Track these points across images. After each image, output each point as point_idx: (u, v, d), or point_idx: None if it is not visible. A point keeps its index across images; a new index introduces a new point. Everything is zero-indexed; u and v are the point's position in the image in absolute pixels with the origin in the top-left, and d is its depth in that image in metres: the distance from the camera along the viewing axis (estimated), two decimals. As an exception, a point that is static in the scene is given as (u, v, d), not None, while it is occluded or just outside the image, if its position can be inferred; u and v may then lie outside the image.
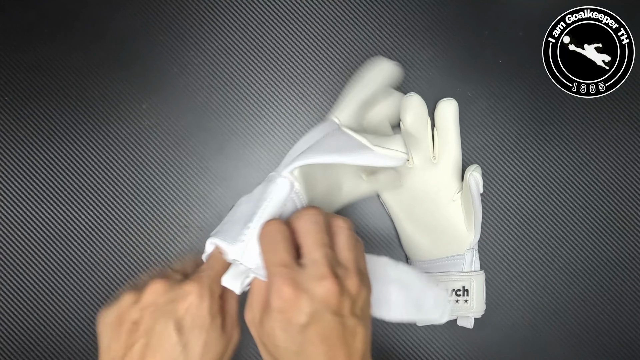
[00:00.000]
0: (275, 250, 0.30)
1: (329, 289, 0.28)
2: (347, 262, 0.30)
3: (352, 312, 0.30)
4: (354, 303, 0.30)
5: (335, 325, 0.29)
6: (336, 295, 0.28)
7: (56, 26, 0.46)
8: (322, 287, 0.28)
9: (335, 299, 0.29)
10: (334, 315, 0.29)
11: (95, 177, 0.46)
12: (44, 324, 0.46)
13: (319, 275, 0.29)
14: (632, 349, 0.48)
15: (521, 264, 0.48)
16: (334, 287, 0.28)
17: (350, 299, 0.29)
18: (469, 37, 0.48)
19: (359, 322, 0.30)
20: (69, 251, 0.46)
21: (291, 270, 0.29)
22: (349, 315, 0.29)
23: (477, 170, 0.42)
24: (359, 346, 0.29)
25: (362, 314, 0.30)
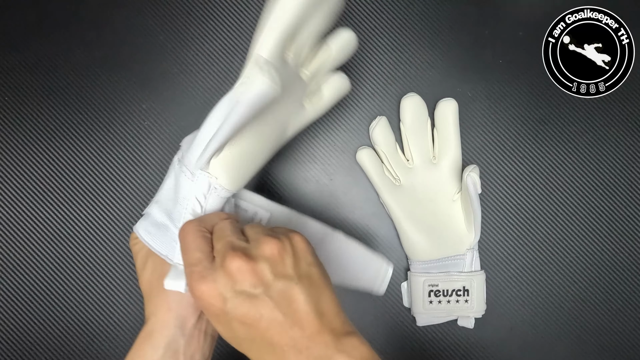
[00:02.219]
0: (186, 254, 0.30)
1: (231, 267, 0.28)
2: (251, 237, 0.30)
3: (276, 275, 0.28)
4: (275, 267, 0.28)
5: (260, 298, 0.27)
6: (247, 270, 0.28)
7: (56, 26, 0.46)
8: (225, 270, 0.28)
9: (248, 274, 0.28)
10: (254, 288, 0.28)
11: (95, 177, 0.46)
12: (44, 324, 0.46)
13: (226, 261, 0.28)
14: (632, 349, 0.48)
15: (521, 264, 0.48)
16: (241, 263, 0.28)
17: (266, 265, 0.28)
18: (469, 37, 0.48)
19: (291, 283, 0.28)
20: (69, 251, 0.46)
21: (200, 267, 0.29)
22: (274, 281, 0.28)
23: (474, 170, 0.42)
24: (303, 308, 0.28)
25: (294, 273, 0.28)
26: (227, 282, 0.28)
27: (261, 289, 0.28)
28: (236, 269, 0.28)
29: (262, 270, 0.28)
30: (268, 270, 0.28)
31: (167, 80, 0.47)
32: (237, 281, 0.28)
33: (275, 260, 0.29)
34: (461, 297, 0.44)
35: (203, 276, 0.28)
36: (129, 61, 0.47)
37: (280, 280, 0.28)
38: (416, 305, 0.45)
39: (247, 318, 0.28)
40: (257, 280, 0.28)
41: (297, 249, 0.30)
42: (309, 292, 0.28)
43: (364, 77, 0.48)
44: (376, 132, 0.45)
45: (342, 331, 0.28)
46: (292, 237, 0.30)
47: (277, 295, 0.28)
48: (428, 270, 0.45)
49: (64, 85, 0.46)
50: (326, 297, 0.29)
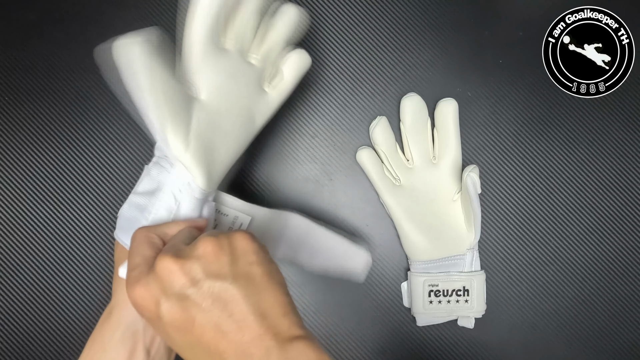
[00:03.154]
0: (130, 256, 0.30)
1: (163, 270, 0.26)
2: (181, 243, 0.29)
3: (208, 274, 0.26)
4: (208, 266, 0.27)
5: (192, 299, 0.26)
6: (176, 270, 0.26)
7: (56, 26, 0.46)
8: (157, 274, 0.27)
9: (177, 275, 0.26)
10: (185, 289, 0.26)
11: (95, 177, 0.46)
12: (44, 324, 0.46)
13: (157, 265, 0.27)
14: (632, 349, 0.48)
15: (521, 264, 0.48)
16: (170, 264, 0.26)
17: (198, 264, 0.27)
18: (469, 37, 0.48)
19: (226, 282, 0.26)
20: (69, 251, 0.46)
21: (136, 272, 0.28)
22: (206, 280, 0.26)
23: (474, 170, 0.42)
24: (241, 309, 0.26)
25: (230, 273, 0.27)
26: (158, 284, 0.27)
27: (192, 290, 0.26)
28: (165, 270, 0.26)
29: (192, 270, 0.26)
30: (199, 270, 0.26)
31: (167, 80, 0.47)
32: (167, 283, 0.26)
33: (209, 259, 0.27)
34: (461, 297, 0.44)
35: (137, 280, 0.27)
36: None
37: (212, 279, 0.26)
38: (416, 305, 0.45)
39: (180, 322, 0.26)
40: (187, 281, 0.26)
41: (237, 247, 0.28)
42: (247, 292, 0.26)
43: (364, 77, 0.48)
44: (376, 132, 0.45)
45: (287, 335, 0.26)
46: (232, 235, 0.28)
47: (210, 296, 0.26)
48: (428, 270, 0.45)
49: (63, 85, 0.46)
50: (269, 298, 0.27)
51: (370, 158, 0.46)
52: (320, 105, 0.48)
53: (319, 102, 0.48)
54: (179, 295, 0.26)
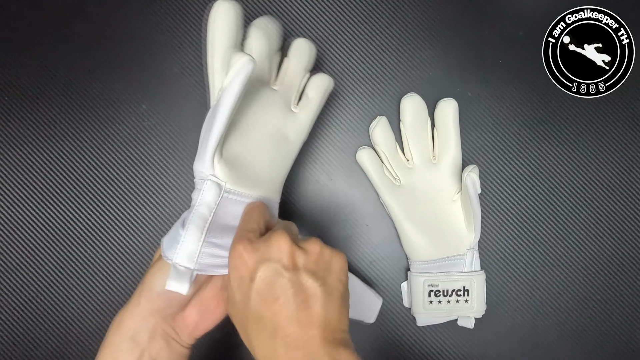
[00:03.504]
0: (244, 222, 0.34)
1: (277, 244, 0.30)
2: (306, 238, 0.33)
3: (307, 269, 0.30)
4: (310, 263, 0.31)
5: (286, 280, 0.30)
6: (287, 251, 0.30)
7: (56, 26, 0.46)
8: (271, 243, 0.31)
9: (286, 254, 0.30)
10: (285, 270, 0.30)
11: (95, 177, 0.46)
12: (44, 324, 0.46)
13: (273, 236, 0.31)
14: (632, 349, 0.48)
15: (521, 264, 0.48)
16: (285, 243, 0.30)
17: (304, 257, 0.31)
18: (469, 37, 0.48)
19: (316, 283, 0.30)
20: (69, 251, 0.46)
21: (251, 234, 0.32)
22: (304, 272, 0.30)
23: (474, 170, 0.42)
24: (317, 310, 0.30)
25: (323, 278, 0.31)
26: (266, 252, 0.30)
27: (291, 273, 0.30)
28: (279, 246, 0.30)
29: (299, 258, 0.31)
30: (303, 261, 0.31)
31: (167, 80, 0.47)
32: (275, 255, 0.30)
33: (313, 259, 0.31)
34: (461, 297, 0.44)
35: (250, 241, 0.31)
36: (129, 61, 0.47)
37: (308, 275, 0.30)
38: (416, 305, 0.45)
39: (266, 292, 0.30)
40: (291, 264, 0.30)
41: (335, 263, 0.32)
42: (327, 300, 0.30)
43: (364, 77, 0.48)
44: (376, 132, 0.45)
45: (339, 342, 0.30)
46: (336, 252, 0.32)
47: (300, 286, 0.30)
48: (428, 270, 0.45)
49: (63, 85, 0.46)
50: (338, 313, 0.31)
51: (370, 158, 0.46)
52: (320, 105, 0.48)
53: (319, 102, 0.48)
54: (278, 270, 0.30)
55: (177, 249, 0.33)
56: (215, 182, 0.35)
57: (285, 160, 0.40)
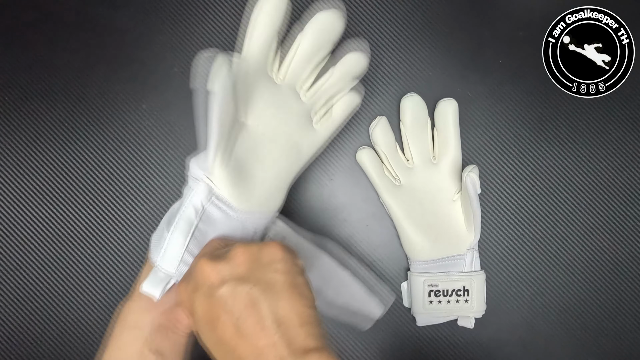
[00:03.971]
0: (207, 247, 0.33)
1: (200, 271, 0.29)
2: None
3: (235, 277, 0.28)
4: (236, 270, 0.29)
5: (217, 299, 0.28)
6: (208, 270, 0.29)
7: (56, 26, 0.46)
8: (195, 271, 0.30)
9: (208, 274, 0.29)
10: (213, 289, 0.28)
11: (95, 177, 0.46)
12: (44, 324, 0.46)
13: (193, 265, 0.31)
14: (632, 349, 0.48)
15: (521, 264, 0.48)
16: (204, 264, 0.29)
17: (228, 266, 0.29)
18: (469, 37, 0.48)
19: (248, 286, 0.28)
20: (69, 251, 0.46)
21: (212, 254, 0.31)
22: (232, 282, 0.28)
23: (473, 170, 0.42)
24: (262, 314, 0.27)
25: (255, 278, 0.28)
26: (194, 282, 0.30)
27: (220, 289, 0.28)
28: (199, 269, 0.29)
29: (222, 271, 0.29)
30: (228, 271, 0.29)
31: (167, 80, 0.47)
32: (200, 280, 0.29)
33: (237, 262, 0.29)
34: (461, 297, 0.44)
35: (183, 279, 0.31)
36: (129, 61, 0.47)
37: (237, 281, 0.28)
38: (416, 305, 0.45)
39: (208, 318, 0.28)
40: (217, 280, 0.28)
41: (265, 254, 0.29)
42: (266, 297, 0.27)
43: (364, 77, 0.48)
44: (376, 132, 0.45)
45: (302, 346, 0.26)
46: (264, 244, 0.30)
47: (233, 297, 0.28)
48: (428, 270, 0.45)
49: (63, 85, 0.46)
50: (287, 306, 0.28)
51: (370, 158, 0.46)
52: (320, 105, 0.48)
53: (319, 102, 0.48)
54: (208, 293, 0.28)
55: (160, 252, 0.33)
56: (208, 185, 0.34)
57: (292, 173, 0.39)
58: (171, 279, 0.33)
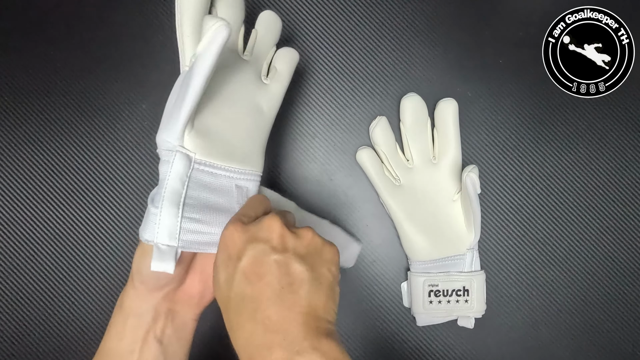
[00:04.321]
0: (243, 208, 0.33)
1: (269, 225, 0.30)
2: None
3: (296, 252, 0.30)
4: (300, 247, 0.30)
5: (273, 260, 0.29)
6: (277, 232, 0.30)
7: (56, 26, 0.46)
8: (262, 225, 0.30)
9: (276, 235, 0.30)
10: (273, 250, 0.29)
11: (95, 177, 0.46)
12: (44, 324, 0.46)
13: (265, 218, 0.31)
14: (632, 349, 0.48)
15: (521, 264, 0.48)
16: (276, 225, 0.30)
17: (295, 240, 0.30)
18: (469, 37, 0.48)
19: (304, 267, 0.29)
20: (69, 251, 0.46)
21: (245, 218, 0.31)
22: (292, 255, 0.29)
23: (473, 170, 0.42)
24: (301, 294, 0.29)
25: (312, 264, 0.30)
26: (256, 233, 0.30)
27: (279, 255, 0.29)
28: (270, 228, 0.30)
29: (289, 241, 0.30)
30: (293, 245, 0.30)
31: (166, 80, 0.47)
32: (265, 236, 0.30)
33: (304, 243, 0.30)
34: (461, 297, 0.44)
35: (242, 223, 0.31)
36: (128, 61, 0.47)
37: (297, 258, 0.29)
38: (416, 305, 0.45)
39: (252, 271, 0.29)
40: (280, 245, 0.29)
41: (326, 253, 0.31)
42: (313, 286, 0.29)
43: (364, 77, 0.48)
44: (376, 132, 0.45)
45: (323, 331, 0.28)
46: (329, 243, 0.32)
47: (287, 269, 0.29)
48: (428, 270, 0.45)
49: (63, 86, 0.46)
50: (325, 302, 0.30)
51: (370, 158, 0.46)
52: (320, 105, 0.48)
53: (319, 102, 0.48)
54: (266, 250, 0.29)
55: (155, 229, 0.32)
56: (185, 154, 0.33)
57: (261, 132, 0.39)
58: (177, 250, 0.32)
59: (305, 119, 0.48)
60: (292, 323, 0.28)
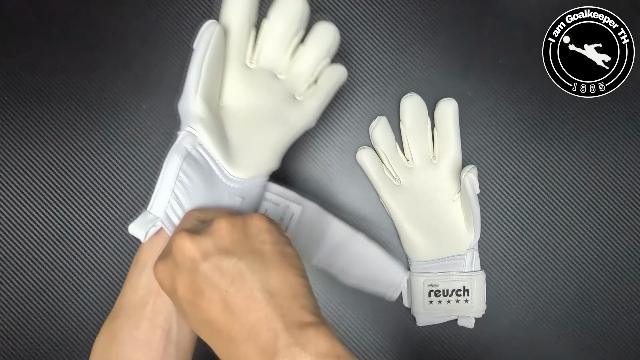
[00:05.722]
0: (184, 221, 0.32)
1: (179, 244, 0.27)
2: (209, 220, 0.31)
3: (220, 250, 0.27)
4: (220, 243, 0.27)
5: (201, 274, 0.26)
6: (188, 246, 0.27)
7: (56, 26, 0.46)
8: (174, 247, 0.28)
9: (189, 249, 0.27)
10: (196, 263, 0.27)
11: (95, 177, 0.46)
12: (44, 324, 0.46)
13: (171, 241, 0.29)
14: (632, 349, 0.48)
15: (521, 263, 0.48)
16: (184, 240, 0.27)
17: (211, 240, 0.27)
18: (469, 37, 0.48)
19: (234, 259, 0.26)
20: (69, 251, 0.46)
21: (191, 227, 0.30)
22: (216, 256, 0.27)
23: (472, 171, 0.42)
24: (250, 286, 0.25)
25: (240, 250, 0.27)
26: (174, 259, 0.28)
27: (203, 264, 0.26)
28: (179, 245, 0.27)
29: (204, 245, 0.27)
30: (211, 245, 0.27)
31: (167, 80, 0.47)
32: (180, 257, 0.27)
33: (221, 235, 0.27)
34: (461, 297, 0.44)
35: (161, 258, 0.29)
36: (129, 61, 0.47)
37: (221, 254, 0.26)
38: (416, 305, 0.45)
39: (191, 295, 0.27)
40: (199, 255, 0.27)
41: (250, 226, 0.28)
42: (255, 269, 0.26)
43: (364, 77, 0.48)
44: (376, 132, 0.45)
45: (297, 319, 0.25)
46: (248, 216, 0.29)
47: (219, 270, 0.26)
48: (428, 270, 0.45)
49: (63, 85, 0.46)
50: (278, 277, 0.26)
51: (370, 158, 0.46)
52: (320, 105, 0.48)
53: (319, 102, 0.48)
54: (190, 269, 0.27)
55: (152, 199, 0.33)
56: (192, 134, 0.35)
57: (281, 138, 0.38)
58: (157, 221, 0.33)
59: (305, 119, 0.48)
60: (258, 326, 0.24)
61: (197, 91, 0.34)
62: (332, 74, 0.39)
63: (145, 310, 0.33)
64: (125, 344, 0.32)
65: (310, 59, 0.38)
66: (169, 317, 0.33)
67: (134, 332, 0.32)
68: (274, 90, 0.38)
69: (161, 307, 0.33)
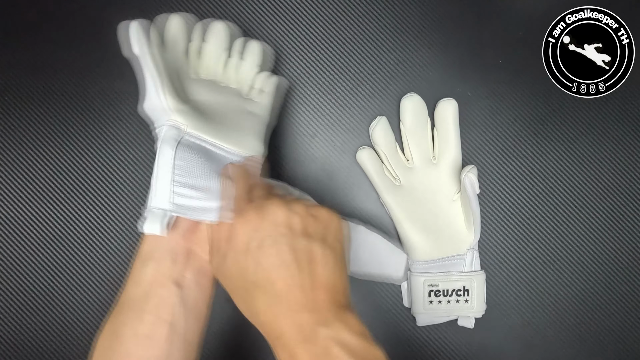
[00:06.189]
0: (228, 190, 0.33)
1: (273, 211, 0.30)
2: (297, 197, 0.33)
3: (305, 232, 0.30)
4: (307, 226, 0.30)
5: (284, 246, 0.29)
6: (282, 217, 0.30)
7: (56, 26, 0.46)
8: (266, 211, 0.30)
9: (281, 221, 0.30)
10: (282, 236, 0.29)
11: (95, 177, 0.46)
12: (44, 324, 0.46)
13: (265, 204, 0.31)
14: (632, 349, 0.48)
15: (521, 264, 0.48)
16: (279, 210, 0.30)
17: (300, 220, 0.30)
18: (469, 37, 0.48)
19: (316, 245, 0.30)
20: (69, 251, 0.46)
21: (241, 203, 0.31)
22: (301, 236, 0.30)
23: (472, 171, 0.42)
24: (320, 272, 0.29)
25: (322, 240, 0.30)
26: (260, 221, 0.30)
27: (288, 240, 0.29)
28: (272, 213, 0.30)
29: (295, 224, 0.30)
30: (299, 224, 0.30)
31: (167, 80, 0.47)
32: (269, 224, 0.30)
33: (308, 220, 0.30)
34: (461, 297, 0.44)
35: (240, 211, 0.31)
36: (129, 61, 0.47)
37: (307, 238, 0.30)
38: (416, 305, 0.45)
39: (267, 262, 0.29)
40: (287, 230, 0.30)
41: (331, 223, 0.31)
42: (328, 261, 0.30)
43: (364, 77, 0.48)
44: (376, 132, 0.45)
45: (345, 305, 0.29)
46: (330, 212, 0.32)
47: (299, 251, 0.29)
48: (428, 270, 0.45)
49: (63, 85, 0.46)
50: (340, 274, 0.30)
51: (370, 158, 0.46)
52: (320, 105, 0.48)
53: (319, 102, 0.48)
54: (274, 238, 0.29)
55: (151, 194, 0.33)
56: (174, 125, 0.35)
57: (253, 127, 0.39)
58: (167, 213, 0.33)
59: (305, 119, 0.48)
60: (319, 303, 0.28)
61: (162, 87, 0.35)
62: (272, 82, 0.42)
63: (149, 304, 0.32)
64: (128, 340, 0.32)
65: (245, 69, 0.42)
66: (174, 309, 0.32)
67: (138, 326, 0.32)
68: (228, 91, 0.40)
69: (166, 299, 0.32)
